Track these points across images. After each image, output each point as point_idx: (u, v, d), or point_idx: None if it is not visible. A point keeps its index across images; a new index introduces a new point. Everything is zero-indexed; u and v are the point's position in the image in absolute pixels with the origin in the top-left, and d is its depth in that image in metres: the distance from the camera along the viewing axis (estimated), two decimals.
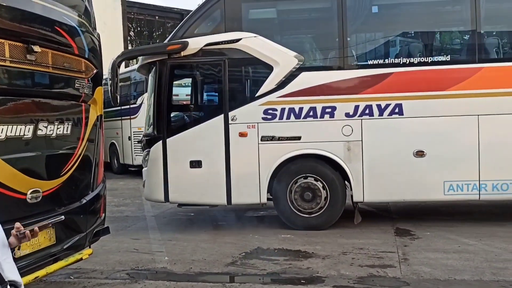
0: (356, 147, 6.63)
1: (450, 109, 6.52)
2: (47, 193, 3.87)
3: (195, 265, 5.44)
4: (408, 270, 5.04)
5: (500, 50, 6.91)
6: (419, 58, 6.72)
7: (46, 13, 3.87)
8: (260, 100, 6.72)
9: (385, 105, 6.57)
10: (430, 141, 6.54)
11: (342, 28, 6.75)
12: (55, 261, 3.99)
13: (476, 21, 6.59)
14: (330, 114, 6.61)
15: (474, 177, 6.49)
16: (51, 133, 3.92)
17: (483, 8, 6.65)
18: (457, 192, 6.54)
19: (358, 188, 6.70)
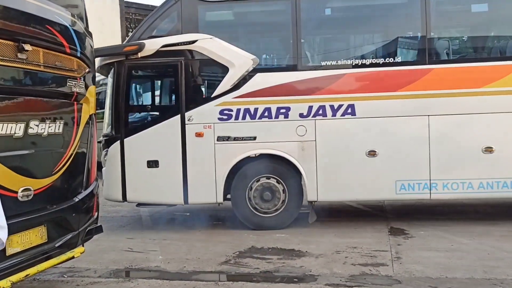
0: (310, 147, 6.74)
1: (401, 109, 6.63)
2: (39, 191, 3.89)
3: (189, 264, 5.46)
4: (400, 268, 5.06)
5: (450, 52, 7.01)
6: (371, 60, 6.86)
7: (37, 12, 3.89)
8: (216, 101, 6.81)
9: (338, 105, 6.68)
10: (382, 141, 6.65)
11: (296, 30, 6.86)
12: (46, 259, 4.00)
13: (426, 24, 6.71)
14: (285, 114, 6.71)
15: (425, 176, 6.61)
16: (43, 131, 3.93)
17: (433, 10, 6.77)
18: (408, 192, 6.65)
19: (312, 187, 6.80)
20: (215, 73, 7.00)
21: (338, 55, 7.07)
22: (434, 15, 6.79)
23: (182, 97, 6.86)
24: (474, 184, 6.56)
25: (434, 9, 6.80)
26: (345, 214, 7.97)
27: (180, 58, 6.84)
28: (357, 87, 6.78)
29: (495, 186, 6.52)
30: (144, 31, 7.00)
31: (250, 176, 6.91)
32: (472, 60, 6.95)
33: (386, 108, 6.64)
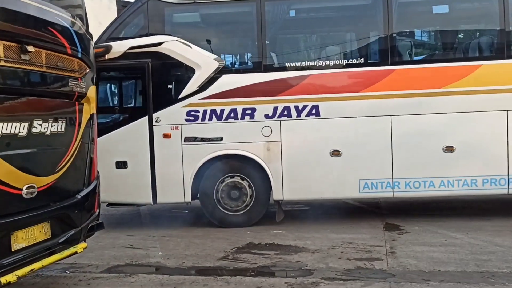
0: (276, 147, 6.88)
1: (365, 110, 6.78)
2: (42, 188, 3.99)
3: (188, 259, 5.57)
4: (394, 262, 5.19)
5: (412, 52, 7.15)
6: (335, 61, 6.98)
7: (39, 14, 3.98)
8: (183, 102, 6.94)
9: (303, 106, 6.83)
10: (346, 141, 6.80)
11: (261, 31, 6.99)
12: (50, 254, 4.11)
13: (388, 25, 6.85)
14: (250, 115, 6.85)
15: (388, 175, 6.77)
16: (46, 130, 4.04)
17: (396, 12, 6.90)
18: (372, 190, 6.82)
19: (278, 187, 6.95)
20: (182, 75, 7.09)
21: (303, 56, 7.28)
22: (396, 16, 6.93)
23: (150, 98, 6.96)
24: (435, 182, 6.73)
25: (397, 11, 6.93)
26: (341, 211, 8.09)
27: (147, 60, 6.92)
28: (321, 88, 6.89)
29: (456, 184, 6.70)
30: (112, 33, 7.09)
31: (217, 176, 7.06)
32: (433, 61, 7.13)
33: (349, 108, 6.80)
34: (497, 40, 6.89)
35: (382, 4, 6.84)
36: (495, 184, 6.66)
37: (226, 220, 7.09)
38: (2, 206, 3.64)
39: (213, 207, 7.10)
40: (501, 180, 6.65)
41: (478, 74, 6.66)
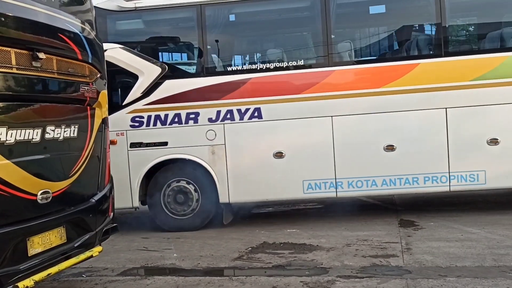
0: (220, 151, 6.95)
1: (306, 111, 6.81)
2: (57, 193, 4.03)
3: (203, 260, 5.59)
4: (410, 259, 5.15)
5: (352, 53, 7.16)
6: (275, 64, 7.03)
7: (49, 21, 4.02)
8: (128, 109, 7.01)
9: (245, 109, 6.89)
10: (288, 143, 6.83)
11: (202, 36, 7.05)
12: (66, 258, 4.15)
13: (326, 26, 6.86)
14: (194, 119, 6.90)
15: (331, 175, 6.80)
16: (59, 136, 4.08)
17: (334, 13, 6.92)
18: (315, 191, 6.85)
19: (223, 189, 6.99)
20: (125, 82, 7.17)
21: (244, 60, 7.35)
22: (335, 18, 6.96)
23: None
24: (377, 181, 6.75)
25: (334, 12, 6.95)
26: (355, 208, 8.06)
27: None
28: (263, 91, 6.94)
29: (398, 183, 6.72)
30: None
31: (164, 181, 7.12)
32: (372, 61, 7.15)
33: (291, 110, 6.83)
34: (434, 38, 6.91)
35: (320, 5, 6.87)
36: (436, 181, 6.69)
37: (174, 225, 7.13)
38: (18, 212, 3.69)
39: (161, 212, 7.16)
40: (442, 178, 6.69)
41: (416, 72, 6.69)
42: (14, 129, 3.61)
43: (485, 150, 6.58)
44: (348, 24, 7.44)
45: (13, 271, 3.55)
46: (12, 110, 3.67)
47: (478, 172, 6.60)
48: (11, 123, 3.61)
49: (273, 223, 7.25)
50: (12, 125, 3.61)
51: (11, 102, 3.65)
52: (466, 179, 6.63)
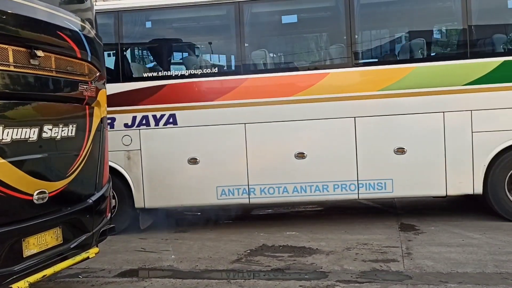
0: (136, 156, 6.98)
1: (220, 118, 6.86)
2: (53, 194, 3.98)
3: (201, 262, 5.53)
4: (411, 264, 5.09)
5: (266, 62, 7.19)
6: (190, 71, 7.09)
7: (48, 18, 3.97)
8: None
9: (160, 115, 6.93)
10: (202, 149, 6.88)
11: (119, 42, 7.06)
12: (62, 260, 4.09)
13: (240, 33, 6.91)
14: (110, 125, 6.85)
15: (244, 182, 6.90)
16: (56, 135, 4.02)
17: (248, 22, 6.96)
18: (229, 197, 6.91)
19: (139, 195, 7.02)
20: None
21: (159, 67, 7.36)
22: (248, 26, 6.99)
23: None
24: (289, 188, 6.80)
25: (249, 21, 6.98)
26: (355, 211, 8.00)
27: None
28: (178, 98, 6.95)
29: (308, 190, 6.78)
30: None
31: None
32: (284, 70, 7.16)
33: (205, 117, 6.87)
34: (344, 48, 6.94)
35: (234, 14, 6.90)
36: (345, 189, 6.76)
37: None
38: (13, 212, 3.63)
39: None
40: (351, 185, 6.75)
41: (326, 82, 6.76)
42: (10, 127, 3.55)
43: (392, 159, 6.67)
44: (262, 33, 7.50)
45: (8, 273, 3.49)
46: (8, 109, 3.61)
47: (386, 180, 6.69)
48: (8, 121, 3.55)
49: (272, 225, 7.19)
50: (9, 123, 3.55)
51: (7, 100, 3.59)
52: (374, 187, 6.72)
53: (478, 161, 6.56)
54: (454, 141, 6.57)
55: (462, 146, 6.56)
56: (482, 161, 6.56)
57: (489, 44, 6.85)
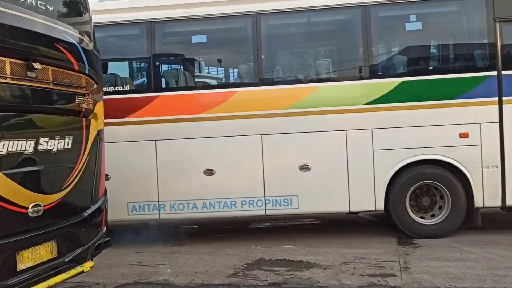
0: None
1: (131, 135, 6.95)
2: (49, 206, 3.94)
3: (197, 276, 5.48)
4: (409, 278, 5.05)
5: (177, 80, 7.29)
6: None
7: (46, 31, 3.97)
8: None
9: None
10: (114, 166, 6.78)
11: None
12: (57, 274, 4.03)
13: (151, 52, 7.06)
14: None
15: (154, 198, 6.96)
16: (52, 147, 3.99)
17: (159, 40, 7.10)
18: (139, 213, 7.00)
19: None
20: None
21: None
22: (159, 45, 7.13)
23: None
24: (198, 204, 6.90)
25: (160, 39, 7.13)
26: (352, 225, 7.97)
27: None
28: None
29: (217, 206, 6.87)
30: None
31: None
32: (193, 88, 7.31)
33: (117, 133, 6.88)
34: (251, 67, 7.09)
35: (146, 33, 7.01)
36: (253, 205, 6.84)
37: None
38: (8, 225, 3.59)
39: None
40: (258, 202, 6.83)
41: (234, 100, 6.91)
42: (6, 140, 3.53)
43: (297, 175, 6.78)
44: (171, 51, 7.62)
45: (1, 287, 3.44)
46: (5, 121, 3.58)
47: (291, 196, 6.79)
48: (4, 134, 3.53)
49: (269, 239, 7.14)
50: (5, 136, 3.53)
51: (4, 113, 3.57)
52: (281, 204, 6.80)
53: (379, 178, 6.70)
54: (356, 158, 6.72)
55: (364, 163, 6.71)
56: (383, 178, 6.69)
57: (388, 65, 7.10)
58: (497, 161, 6.55)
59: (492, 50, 6.65)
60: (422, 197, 6.87)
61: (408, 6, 6.99)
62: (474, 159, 6.57)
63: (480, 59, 6.90)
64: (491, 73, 6.58)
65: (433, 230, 6.73)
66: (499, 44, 6.57)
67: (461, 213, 6.69)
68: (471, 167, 6.59)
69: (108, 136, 6.80)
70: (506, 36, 6.59)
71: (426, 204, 6.86)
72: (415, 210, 6.87)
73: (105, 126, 6.68)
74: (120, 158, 6.88)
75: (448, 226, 6.71)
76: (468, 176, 6.60)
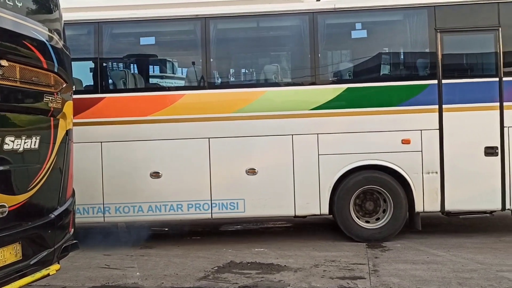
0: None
1: (77, 136, 6.98)
2: (14, 208, 3.82)
3: (167, 280, 5.42)
4: (377, 281, 5.12)
5: (125, 81, 7.31)
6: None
7: (14, 28, 3.85)
8: None
9: None
10: None
11: None
12: (21, 277, 3.91)
13: (98, 54, 7.07)
14: None
15: (99, 200, 6.89)
16: (18, 147, 3.88)
17: (106, 41, 7.14)
18: (83, 215, 6.86)
19: None
20: None
21: None
22: (107, 46, 7.15)
23: None
24: (144, 207, 6.92)
25: (107, 40, 7.13)
26: (323, 228, 8.03)
27: None
28: None
29: (163, 209, 6.91)
30: None
31: None
32: (142, 90, 7.34)
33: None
34: (199, 71, 7.20)
35: (93, 33, 7.02)
36: (199, 208, 6.90)
37: None
38: None
39: None
40: (204, 205, 6.90)
41: (182, 103, 6.94)
42: None
43: (244, 179, 6.85)
44: (118, 53, 7.60)
45: None
46: None
47: (238, 200, 6.86)
48: None
49: (240, 242, 7.13)
50: None
51: None
52: (227, 207, 6.87)
53: (324, 183, 6.83)
54: (302, 163, 6.83)
55: (309, 168, 6.82)
56: (328, 183, 6.83)
57: (334, 72, 7.27)
58: (437, 167, 6.73)
59: (433, 60, 6.83)
60: (366, 202, 7.00)
61: (354, 15, 7.17)
62: (415, 165, 6.75)
63: (422, 68, 7.09)
64: (432, 81, 6.77)
65: (375, 234, 6.87)
66: (440, 54, 6.76)
67: (402, 218, 6.86)
68: (412, 173, 6.76)
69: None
70: (446, 46, 6.79)
71: (370, 208, 6.99)
72: (360, 214, 6.98)
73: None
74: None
75: (389, 230, 6.87)
76: (409, 182, 6.77)
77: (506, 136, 6.67)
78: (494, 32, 6.72)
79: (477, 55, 7.05)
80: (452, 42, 6.83)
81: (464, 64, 7.09)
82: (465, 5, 6.83)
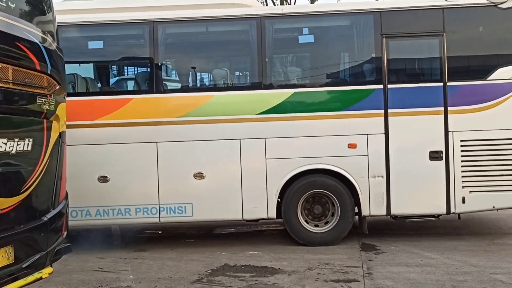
0: None
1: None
2: (6, 210, 3.79)
3: (161, 283, 5.39)
4: (371, 284, 5.13)
5: (75, 85, 7.26)
6: None
7: (7, 29, 3.83)
8: None
9: None
10: None
11: None
12: (13, 280, 3.88)
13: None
14: None
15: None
16: (11, 149, 3.85)
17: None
18: None
19: None
20: None
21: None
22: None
23: None
24: (92, 211, 6.92)
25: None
26: None
27: None
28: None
29: (111, 213, 6.92)
30: None
31: None
32: (89, 94, 7.31)
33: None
34: (147, 74, 7.25)
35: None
36: (147, 213, 6.89)
37: None
38: None
39: None
40: (152, 209, 6.89)
41: (129, 107, 6.93)
42: None
43: (192, 183, 6.85)
44: (66, 57, 7.59)
45: None
46: None
47: (186, 204, 6.86)
48: None
49: (234, 245, 7.12)
50: None
51: None
52: (175, 211, 6.87)
53: (271, 187, 6.85)
54: (249, 167, 6.84)
55: (257, 172, 6.84)
56: (275, 187, 6.85)
57: (282, 76, 7.31)
58: (383, 171, 6.76)
59: (379, 65, 6.86)
60: (314, 206, 7.01)
61: (301, 20, 7.19)
62: (361, 169, 6.78)
63: (368, 73, 7.12)
64: (377, 86, 6.80)
65: (322, 237, 6.89)
66: (385, 59, 6.80)
67: (349, 222, 6.89)
68: (359, 177, 6.79)
69: None
70: (392, 51, 6.83)
71: (317, 212, 7.00)
72: (309, 218, 7.00)
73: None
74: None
75: (335, 234, 6.89)
76: (356, 186, 6.79)
77: (450, 141, 6.70)
78: (439, 37, 6.76)
79: (422, 60, 7.10)
80: (398, 47, 6.88)
81: (409, 69, 7.14)
82: (410, 11, 6.87)
